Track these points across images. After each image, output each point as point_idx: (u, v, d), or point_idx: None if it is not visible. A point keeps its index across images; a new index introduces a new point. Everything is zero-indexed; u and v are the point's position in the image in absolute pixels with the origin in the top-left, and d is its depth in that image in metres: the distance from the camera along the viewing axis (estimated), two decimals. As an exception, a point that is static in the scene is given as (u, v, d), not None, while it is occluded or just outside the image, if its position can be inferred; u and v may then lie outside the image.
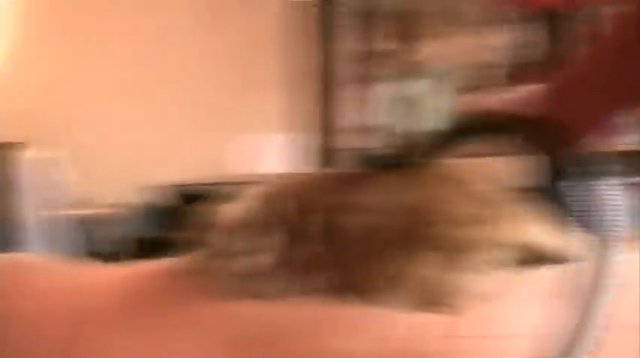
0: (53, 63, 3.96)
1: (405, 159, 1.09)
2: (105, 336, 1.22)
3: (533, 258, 1.06)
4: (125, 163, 3.72)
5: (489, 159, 1.04)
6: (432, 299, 1.03)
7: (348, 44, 2.89)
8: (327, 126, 2.67)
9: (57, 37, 3.96)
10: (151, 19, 3.67)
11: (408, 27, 2.97)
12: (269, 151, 3.24)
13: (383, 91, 2.71)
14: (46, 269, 1.37)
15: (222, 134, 3.47)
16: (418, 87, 2.66)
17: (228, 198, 1.17)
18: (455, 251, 1.02)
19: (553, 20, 2.32)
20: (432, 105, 2.60)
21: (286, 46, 2.78)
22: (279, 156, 3.05)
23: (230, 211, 1.16)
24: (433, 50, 2.69)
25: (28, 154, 3.36)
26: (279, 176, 1.21)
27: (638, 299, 0.96)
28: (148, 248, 3.08)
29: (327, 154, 2.66)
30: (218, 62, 3.51)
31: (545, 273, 1.08)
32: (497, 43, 2.64)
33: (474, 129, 1.08)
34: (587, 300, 0.84)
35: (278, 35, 3.19)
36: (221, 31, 3.48)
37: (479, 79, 2.62)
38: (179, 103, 3.62)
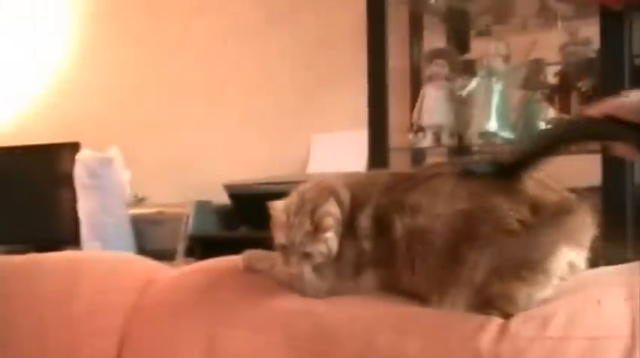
0: (110, 63, 4.02)
1: (513, 166, 1.05)
2: (157, 331, 1.24)
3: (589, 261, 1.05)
4: (180, 163, 3.75)
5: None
6: (483, 302, 1.03)
7: (399, 43, 2.87)
8: (381, 124, 2.66)
9: (114, 38, 4.02)
10: (216, 19, 3.69)
11: (460, 25, 2.95)
12: (339, 149, 3.25)
13: (435, 90, 2.69)
14: (102, 267, 1.40)
15: (284, 133, 3.49)
16: (471, 86, 2.63)
17: (283, 197, 1.18)
18: (504, 257, 1.02)
19: (607, 17, 2.28)
20: (485, 104, 2.57)
21: (356, 44, 2.78)
22: (349, 154, 3.05)
23: (283, 207, 1.16)
24: (485, 49, 2.65)
25: (83, 154, 3.41)
26: (335, 175, 1.21)
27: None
28: (202, 247, 3.11)
29: (381, 153, 2.65)
30: (283, 61, 3.52)
31: (607, 273, 1.07)
32: (550, 41, 2.61)
33: (589, 134, 1.05)
34: None
35: (347, 33, 3.21)
36: (289, 31, 3.49)
37: (532, 78, 2.59)
38: (239, 103, 3.64)
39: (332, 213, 1.11)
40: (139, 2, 3.96)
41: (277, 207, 1.16)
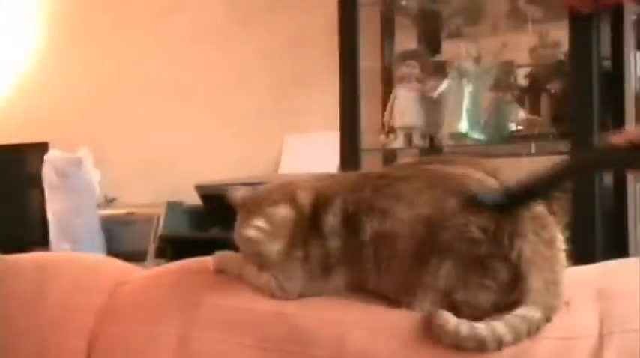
0: (80, 63, 3.98)
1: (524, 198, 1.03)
2: (127, 332, 1.23)
3: None
4: (152, 163, 3.73)
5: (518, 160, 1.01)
6: (450, 308, 1.03)
7: (371, 44, 2.89)
8: (353, 125, 2.67)
9: (84, 38, 3.98)
10: (188, 19, 3.67)
11: (431, 27, 2.96)
12: (311, 150, 3.25)
13: (406, 91, 2.70)
14: (72, 268, 1.39)
15: (256, 134, 3.48)
16: (442, 87, 2.65)
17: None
18: (467, 265, 1.02)
19: (576, 21, 2.31)
20: (456, 105, 2.59)
21: (329, 46, 2.79)
22: (321, 155, 3.06)
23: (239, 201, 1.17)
24: (456, 50, 2.67)
25: (52, 154, 3.38)
26: (307, 175, 1.21)
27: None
28: (174, 248, 3.09)
29: (353, 154, 2.66)
30: (256, 62, 3.51)
31: (576, 274, 1.08)
32: (521, 43, 2.63)
33: (610, 162, 1.02)
34: None
35: (320, 34, 3.22)
36: (259, 32, 3.48)
37: (502, 79, 2.61)
38: (211, 104, 3.63)
39: (276, 215, 1.12)
40: (109, 1, 3.94)
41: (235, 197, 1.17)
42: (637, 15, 2.35)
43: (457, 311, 1.02)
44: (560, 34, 2.46)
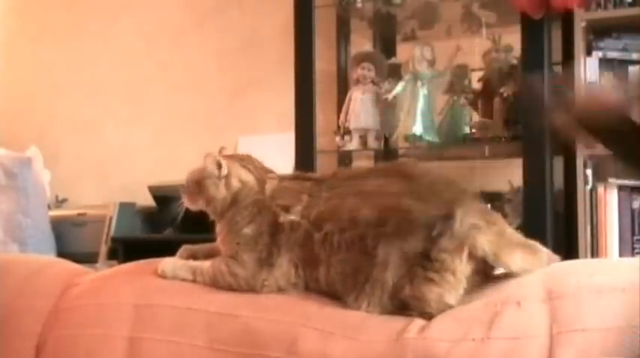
0: (29, 60, 3.92)
1: None
2: (77, 335, 1.21)
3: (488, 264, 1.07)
4: (103, 164, 3.69)
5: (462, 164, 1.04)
6: (399, 305, 1.04)
7: (327, 46, 2.89)
8: (308, 127, 2.67)
9: (35, 34, 3.92)
10: (143, 18, 3.63)
11: (386, 30, 2.98)
12: (265, 151, 3.24)
13: (361, 93, 2.71)
14: (20, 271, 1.36)
15: (210, 134, 3.46)
16: (397, 90, 2.66)
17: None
18: (412, 259, 1.03)
19: (528, 26, 2.34)
20: (410, 107, 2.60)
21: (284, 47, 2.79)
22: (276, 156, 3.05)
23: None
24: (411, 53, 2.69)
25: (0, 153, 3.32)
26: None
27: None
28: (126, 249, 3.06)
29: (308, 156, 2.66)
30: (210, 62, 3.49)
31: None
32: (474, 47, 2.66)
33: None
34: None
35: (275, 35, 3.21)
36: (214, 32, 3.47)
37: (456, 83, 2.63)
38: (165, 103, 3.59)
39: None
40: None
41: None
42: (587, 21, 2.39)
43: (406, 308, 1.03)
44: (512, 39, 2.49)
